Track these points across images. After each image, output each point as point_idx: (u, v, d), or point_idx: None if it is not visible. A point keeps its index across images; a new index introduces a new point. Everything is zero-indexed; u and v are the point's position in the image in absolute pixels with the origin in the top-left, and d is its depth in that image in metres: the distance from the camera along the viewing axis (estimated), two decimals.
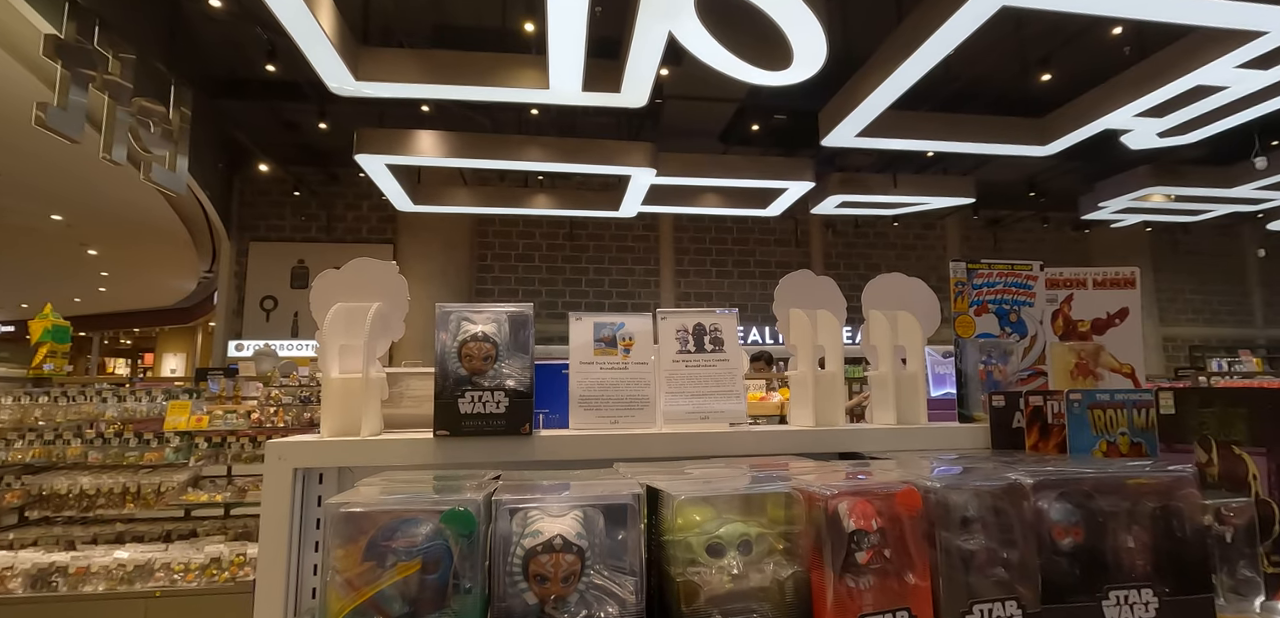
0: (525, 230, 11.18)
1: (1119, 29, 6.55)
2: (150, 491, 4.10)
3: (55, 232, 10.69)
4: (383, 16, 6.72)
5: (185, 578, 3.84)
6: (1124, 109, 6.23)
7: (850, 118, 6.47)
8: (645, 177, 7.94)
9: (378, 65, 5.84)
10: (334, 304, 1.06)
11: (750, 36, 5.29)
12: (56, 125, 5.02)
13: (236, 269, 10.36)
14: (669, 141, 8.43)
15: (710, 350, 1.12)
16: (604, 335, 1.11)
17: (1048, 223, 12.23)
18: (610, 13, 5.48)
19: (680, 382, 1.10)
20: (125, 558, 3.85)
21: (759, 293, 11.66)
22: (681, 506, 0.73)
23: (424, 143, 7.33)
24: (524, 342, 1.03)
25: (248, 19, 6.49)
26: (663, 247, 11.47)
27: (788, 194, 8.72)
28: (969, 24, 4.70)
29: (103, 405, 4.24)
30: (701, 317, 1.14)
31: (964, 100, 7.60)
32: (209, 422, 4.14)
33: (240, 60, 7.69)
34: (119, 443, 4.19)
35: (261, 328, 10.22)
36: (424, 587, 0.66)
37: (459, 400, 0.99)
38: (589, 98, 6.00)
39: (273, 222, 10.53)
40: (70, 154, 6.22)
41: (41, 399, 4.20)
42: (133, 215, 9.79)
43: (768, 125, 8.93)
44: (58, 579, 3.77)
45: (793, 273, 1.24)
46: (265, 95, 8.10)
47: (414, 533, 0.67)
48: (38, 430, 4.16)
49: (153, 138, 6.15)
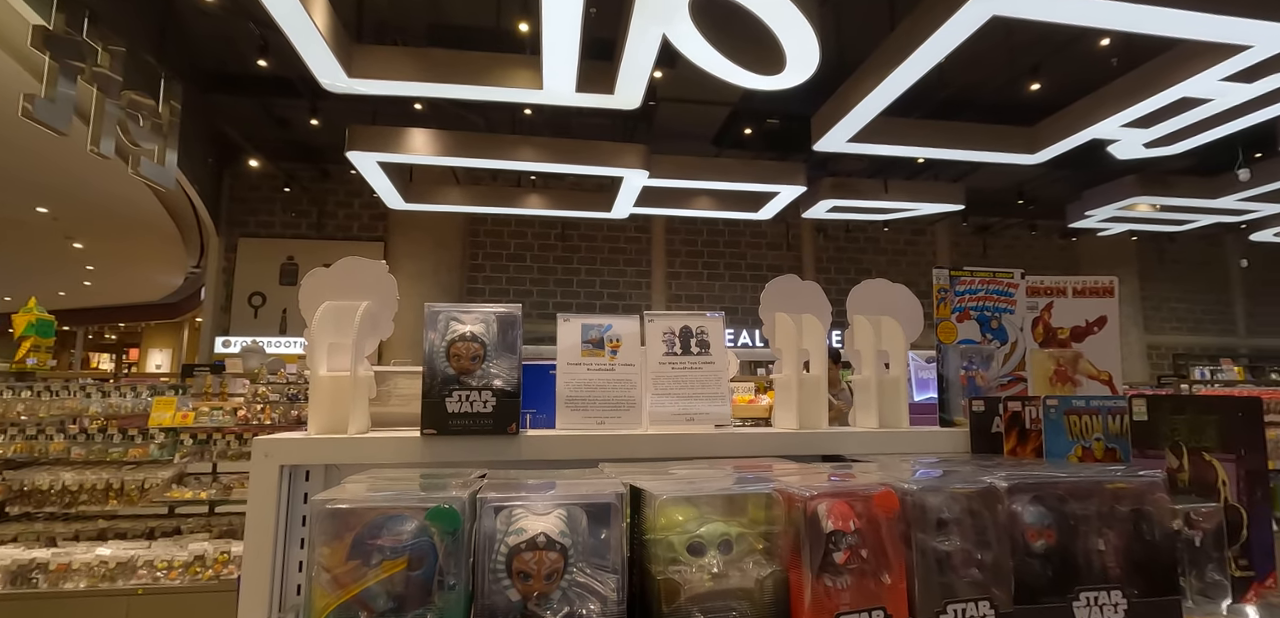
0: (517, 230, 11.17)
1: (1107, 40, 6.64)
2: (134, 487, 4.07)
3: (40, 224, 10.57)
4: (377, 14, 6.70)
5: (168, 576, 3.81)
6: (1111, 119, 6.32)
7: (842, 123, 6.52)
8: (638, 178, 7.96)
9: (371, 63, 5.83)
10: (323, 302, 1.06)
11: (744, 40, 5.32)
12: (44, 117, 4.97)
13: (225, 265, 10.29)
14: (662, 144, 8.45)
15: (697, 353, 1.14)
16: (592, 337, 1.12)
17: (1036, 230, 12.36)
18: (604, 14, 5.49)
19: (666, 384, 1.11)
20: (107, 555, 3.82)
21: (750, 296, 11.71)
22: (664, 505, 0.74)
23: (417, 141, 7.31)
24: (512, 342, 1.04)
25: (240, 14, 6.46)
26: (655, 249, 11.49)
27: (779, 198, 8.77)
28: (961, 31, 4.75)
29: (87, 401, 4.20)
30: (689, 319, 1.16)
31: (955, 107, 7.67)
32: (194, 418, 4.12)
33: (231, 55, 7.65)
34: (103, 439, 4.16)
35: (249, 324, 10.15)
36: (409, 584, 0.67)
37: (447, 400, 0.99)
38: (583, 99, 6.01)
39: (262, 218, 10.47)
40: (57, 146, 6.15)
41: (24, 394, 4.16)
42: (120, 209, 9.70)
43: (760, 129, 8.97)
44: (38, 576, 3.74)
45: (778, 278, 1.26)
46: (256, 90, 8.05)
47: (399, 530, 0.68)
48: (20, 425, 4.11)
49: (142, 131, 6.11)
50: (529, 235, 11.22)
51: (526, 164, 7.82)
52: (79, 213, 10.11)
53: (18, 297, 14.46)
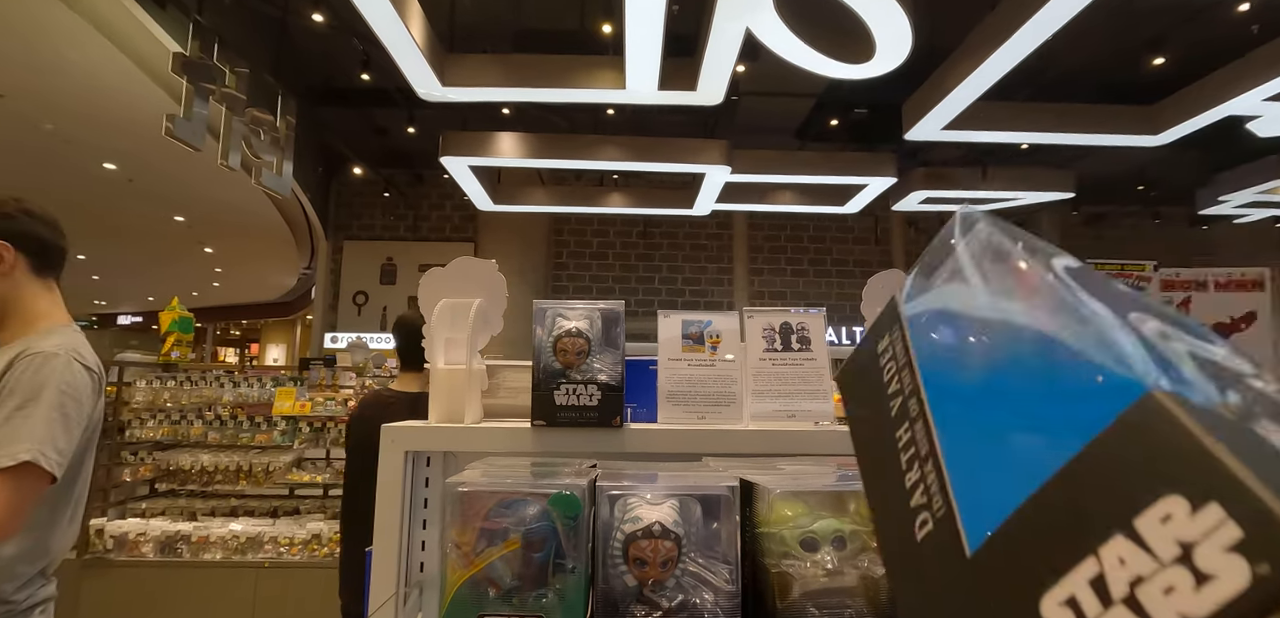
0: (599, 229, 11.36)
1: (1246, 4, 5.97)
2: (260, 470, 4.46)
3: (178, 232, 11.76)
4: (467, 23, 7.00)
5: (290, 551, 4.16)
6: (1252, 93, 5.67)
7: (937, 110, 6.21)
8: (720, 174, 7.90)
9: (462, 71, 6.10)
10: (440, 299, 1.13)
11: (830, 29, 5.17)
12: (183, 135, 5.54)
13: (332, 266, 11.07)
14: (744, 138, 8.34)
15: (797, 350, 1.12)
16: (691, 332, 1.13)
17: (1159, 219, 11.26)
18: (686, 10, 5.49)
19: (767, 380, 1.11)
20: (238, 530, 4.22)
21: (836, 293, 11.36)
22: (776, 500, 0.74)
23: (505, 144, 7.59)
24: (615, 338, 1.07)
25: (345, 31, 6.92)
26: (736, 245, 11.36)
27: (867, 190, 8.45)
28: (1072, 6, 4.41)
29: (220, 390, 4.65)
30: (788, 315, 1.15)
31: (1063, 87, 7.13)
32: (311, 408, 4.46)
33: (337, 70, 8.21)
34: (233, 425, 4.59)
35: (354, 321, 10.87)
36: (530, 564, 0.71)
37: (555, 393, 1.03)
38: (665, 96, 6.03)
39: (364, 221, 11.18)
40: (190, 161, 6.83)
41: (169, 383, 4.64)
42: (243, 217, 10.66)
43: (847, 120, 8.69)
44: (182, 546, 4.18)
45: (880, 273, 1.22)
46: (359, 102, 8.62)
47: (523, 513, 0.72)
48: (165, 411, 4.60)
49: (262, 145, 6.68)
50: (611, 233, 11.38)
51: (610, 163, 7.94)
52: (209, 220, 11.19)
53: (159, 296, 16.18)
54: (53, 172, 8.60)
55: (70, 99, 6.51)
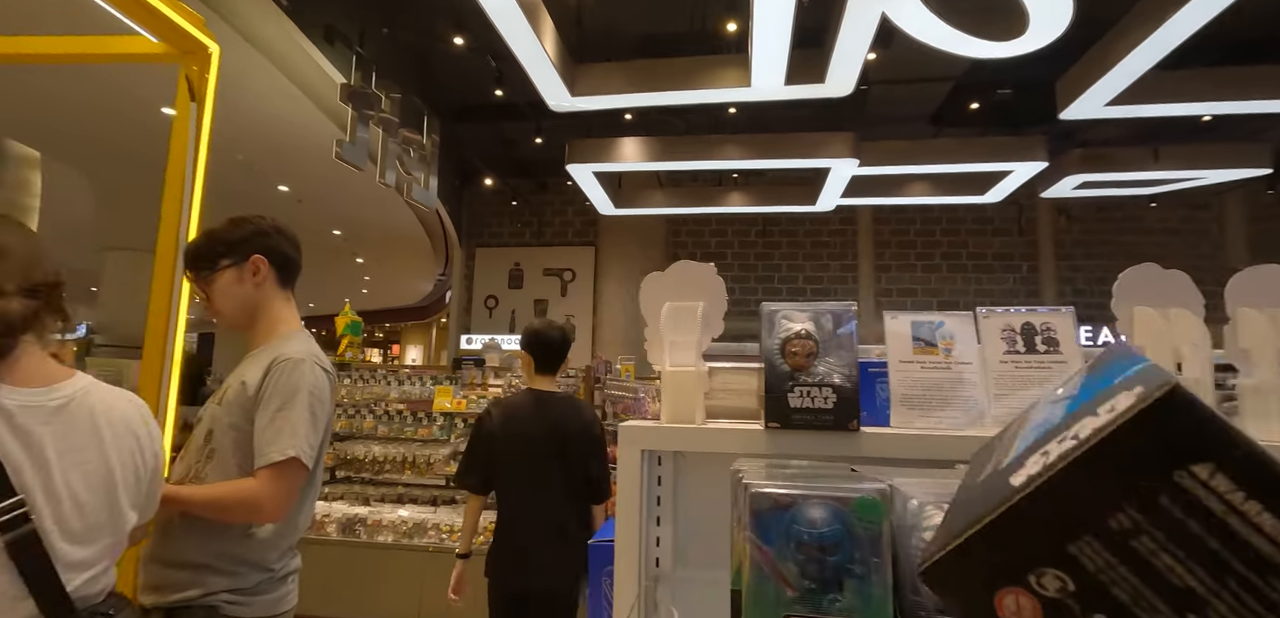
0: (717, 229, 11.32)
1: None
2: (422, 461, 4.85)
3: (335, 244, 13.05)
4: (594, 33, 7.23)
5: (451, 538, 4.48)
6: None
7: (1100, 84, 5.63)
8: (846, 168, 7.63)
9: (590, 80, 6.30)
10: (664, 303, 1.17)
11: (973, 5, 4.84)
12: (349, 158, 6.15)
13: (465, 272, 11.83)
14: (872, 129, 7.99)
15: (1043, 351, 1.06)
16: (922, 334, 1.10)
17: None
18: (815, 1, 5.33)
19: (1010, 383, 1.05)
20: (406, 516, 4.61)
21: (973, 289, 10.60)
22: None
23: (627, 149, 7.75)
24: (845, 339, 1.06)
25: (481, 52, 7.38)
26: (861, 240, 10.90)
27: (1013, 177, 7.82)
28: None
29: (387, 388, 5.10)
30: (1029, 315, 1.08)
31: (1252, 50, 6.21)
32: (466, 405, 4.79)
33: (471, 89, 8.76)
34: (398, 419, 5.02)
35: (485, 324, 11.55)
36: (825, 568, 0.72)
37: (789, 395, 1.04)
38: (792, 91, 5.90)
39: (494, 229, 11.85)
40: (348, 180, 7.55)
41: (345, 381, 5.16)
42: (389, 230, 11.65)
43: (988, 102, 8.08)
44: (360, 528, 4.63)
45: (1131, 268, 1.12)
46: (491, 118, 9.15)
47: (815, 516, 0.72)
48: (342, 406, 5.12)
49: (412, 162, 7.28)
50: (728, 233, 11.30)
51: (733, 162, 7.89)
52: (361, 234, 12.33)
53: (319, 304, 18.04)
54: (239, 197, 9.84)
55: (255, 130, 7.41)
